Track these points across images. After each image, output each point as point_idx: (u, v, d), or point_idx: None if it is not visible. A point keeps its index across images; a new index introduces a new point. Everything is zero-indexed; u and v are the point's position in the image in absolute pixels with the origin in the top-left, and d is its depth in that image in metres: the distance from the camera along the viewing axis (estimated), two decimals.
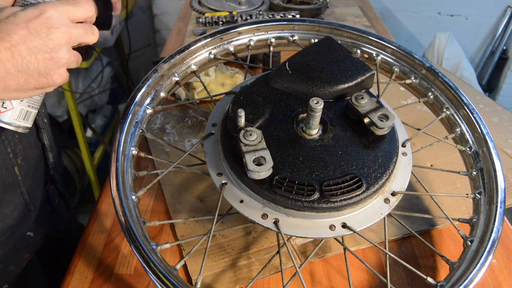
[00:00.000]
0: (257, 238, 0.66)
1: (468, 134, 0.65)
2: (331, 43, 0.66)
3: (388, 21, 2.36)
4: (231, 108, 0.59)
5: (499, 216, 0.55)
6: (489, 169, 0.60)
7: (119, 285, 0.60)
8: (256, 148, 0.50)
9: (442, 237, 0.68)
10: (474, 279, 0.49)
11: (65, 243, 0.85)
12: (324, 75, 0.61)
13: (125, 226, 0.50)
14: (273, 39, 0.76)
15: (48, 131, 0.76)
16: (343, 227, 0.52)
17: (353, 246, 0.65)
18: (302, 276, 0.60)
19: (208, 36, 0.71)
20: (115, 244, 0.66)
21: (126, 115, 0.60)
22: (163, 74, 0.67)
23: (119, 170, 0.54)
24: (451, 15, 2.34)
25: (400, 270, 0.62)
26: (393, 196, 0.55)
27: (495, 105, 1.02)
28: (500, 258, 0.65)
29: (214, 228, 0.53)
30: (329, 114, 0.60)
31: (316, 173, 0.53)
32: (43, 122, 0.73)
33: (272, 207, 0.52)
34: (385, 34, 1.39)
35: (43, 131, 0.74)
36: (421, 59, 0.71)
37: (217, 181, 0.55)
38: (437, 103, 0.70)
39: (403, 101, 1.01)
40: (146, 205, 0.73)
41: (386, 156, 0.55)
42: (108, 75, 2.19)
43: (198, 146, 0.62)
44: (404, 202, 0.72)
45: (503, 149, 0.87)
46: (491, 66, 2.47)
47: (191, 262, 0.62)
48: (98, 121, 2.21)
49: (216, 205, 0.53)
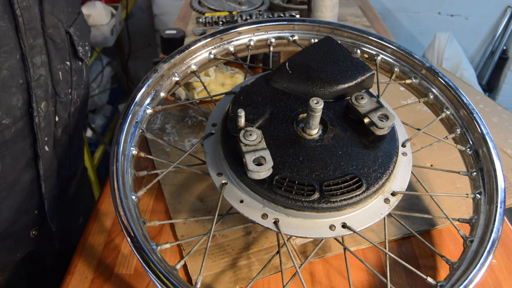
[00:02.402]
0: (257, 238, 0.66)
1: (468, 134, 0.65)
2: (331, 43, 0.66)
3: (388, 21, 2.36)
4: (231, 108, 0.59)
5: (499, 216, 0.55)
6: (489, 169, 0.60)
7: (119, 285, 0.60)
8: (256, 148, 0.50)
9: (442, 237, 0.68)
10: (474, 279, 0.49)
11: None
12: (324, 75, 0.61)
13: (125, 226, 0.50)
14: (273, 39, 0.76)
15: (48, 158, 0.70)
16: (343, 227, 0.52)
17: (353, 246, 0.65)
18: (302, 276, 0.60)
19: (208, 36, 0.71)
20: (115, 244, 0.66)
21: (126, 115, 0.60)
22: (163, 74, 0.67)
23: (119, 170, 0.54)
24: (451, 15, 2.34)
25: (400, 270, 0.62)
26: (393, 196, 0.55)
27: (495, 105, 1.02)
28: (500, 258, 0.65)
29: (214, 228, 0.53)
30: (329, 114, 0.60)
31: (316, 173, 0.53)
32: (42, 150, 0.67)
33: (272, 207, 0.52)
34: (385, 34, 1.39)
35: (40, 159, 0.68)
36: (421, 59, 0.71)
37: (217, 181, 0.55)
38: (437, 103, 0.70)
39: (403, 101, 1.01)
40: (146, 205, 0.73)
41: (386, 156, 0.55)
42: (108, 75, 2.19)
43: (198, 146, 0.62)
44: (404, 202, 0.72)
45: (503, 149, 0.87)
46: (491, 66, 2.47)
47: (191, 262, 0.62)
48: (98, 121, 2.21)
49: (216, 205, 0.53)
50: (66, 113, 0.73)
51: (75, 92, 0.75)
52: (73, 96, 0.74)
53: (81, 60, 0.75)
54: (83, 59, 0.75)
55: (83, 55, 0.74)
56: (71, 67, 0.71)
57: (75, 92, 0.75)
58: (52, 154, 0.71)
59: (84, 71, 0.78)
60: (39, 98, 0.63)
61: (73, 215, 0.90)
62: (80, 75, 0.76)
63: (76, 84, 0.75)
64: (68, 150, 0.77)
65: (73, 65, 0.72)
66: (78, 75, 0.75)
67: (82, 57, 0.74)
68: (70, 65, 0.71)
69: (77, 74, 0.74)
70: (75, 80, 0.74)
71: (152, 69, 0.66)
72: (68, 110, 0.74)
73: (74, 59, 0.72)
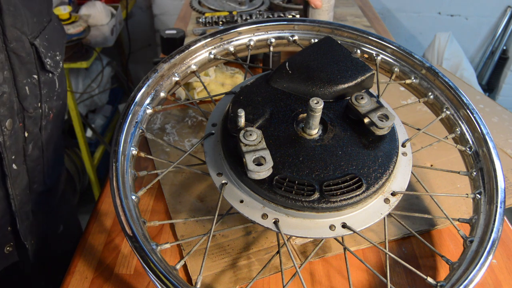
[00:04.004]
0: (257, 238, 0.66)
1: (468, 134, 0.65)
2: (331, 43, 0.66)
3: (388, 21, 2.36)
4: (231, 108, 0.59)
5: (499, 216, 0.55)
6: (489, 169, 0.60)
7: (119, 285, 0.60)
8: (256, 148, 0.50)
9: (442, 237, 0.68)
10: (474, 279, 0.49)
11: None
12: (324, 75, 0.61)
13: (125, 226, 0.50)
14: (273, 39, 0.76)
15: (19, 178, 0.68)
16: (343, 227, 0.52)
17: (353, 246, 0.65)
18: (302, 276, 0.60)
19: (208, 36, 0.71)
20: (115, 244, 0.66)
21: (126, 115, 0.60)
22: (163, 74, 0.67)
23: (119, 170, 0.54)
24: (451, 15, 2.34)
25: (400, 270, 0.62)
26: (393, 196, 0.55)
27: (495, 105, 1.02)
28: (500, 258, 0.65)
29: (214, 228, 0.53)
30: (329, 114, 0.60)
31: (316, 173, 0.53)
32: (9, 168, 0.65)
33: (272, 207, 0.52)
34: (385, 34, 1.40)
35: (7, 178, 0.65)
36: (421, 59, 0.71)
37: (217, 181, 0.55)
38: (437, 103, 0.70)
39: (403, 101, 1.01)
40: (146, 205, 0.73)
41: (386, 156, 0.55)
42: (108, 75, 2.19)
43: (198, 146, 0.62)
44: (404, 202, 0.72)
45: (503, 149, 0.87)
46: (491, 66, 2.47)
47: (191, 262, 0.62)
48: (98, 121, 2.21)
49: (216, 205, 0.53)
50: (37, 128, 0.70)
51: (45, 106, 0.71)
52: (43, 110, 0.70)
53: (50, 72, 0.70)
54: (52, 72, 0.71)
55: (51, 67, 0.70)
56: (39, 80, 0.67)
57: (46, 105, 0.71)
58: (21, 171, 0.68)
59: (56, 82, 0.73)
60: (2, 117, 0.59)
61: (52, 225, 0.88)
62: (52, 86, 0.72)
63: (47, 96, 0.71)
64: (42, 165, 0.74)
65: (41, 77, 0.68)
66: (49, 87, 0.71)
67: (50, 70, 0.69)
68: (38, 78, 0.67)
69: (48, 87, 0.70)
70: (45, 92, 0.70)
71: (152, 69, 0.66)
72: (38, 124, 0.70)
73: (42, 71, 0.68)
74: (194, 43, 0.70)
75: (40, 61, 0.67)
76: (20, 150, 0.66)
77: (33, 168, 0.71)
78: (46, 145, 0.74)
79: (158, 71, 0.65)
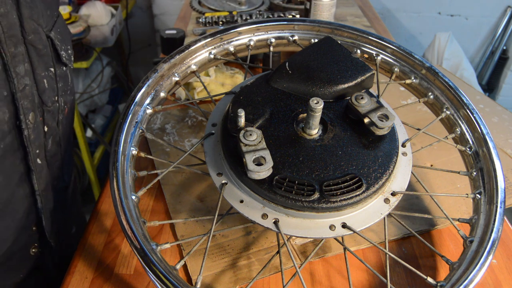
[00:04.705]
0: (257, 238, 0.66)
1: (468, 134, 0.65)
2: (331, 43, 0.66)
3: (388, 21, 2.36)
4: (231, 108, 0.59)
5: (499, 216, 0.55)
6: (489, 169, 0.60)
7: (119, 285, 0.60)
8: (256, 148, 0.50)
9: (442, 237, 0.68)
10: (474, 279, 0.49)
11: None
12: (324, 75, 0.61)
13: (125, 226, 0.50)
14: (273, 39, 0.76)
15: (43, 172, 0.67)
16: (343, 227, 0.52)
17: (353, 246, 0.65)
18: (302, 276, 0.60)
19: (208, 36, 0.71)
20: (115, 244, 0.66)
21: (126, 115, 0.60)
22: (163, 74, 0.67)
23: (119, 170, 0.54)
24: (451, 15, 2.34)
25: (400, 270, 0.62)
26: (393, 196, 0.55)
27: (495, 105, 1.02)
28: (500, 258, 0.65)
29: (214, 228, 0.53)
30: (329, 114, 0.60)
31: (316, 173, 0.53)
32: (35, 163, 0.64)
33: (272, 207, 0.52)
34: (385, 34, 1.40)
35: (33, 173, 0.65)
36: (421, 59, 0.71)
37: (217, 181, 0.55)
38: (437, 103, 0.70)
39: (403, 101, 1.01)
40: (146, 205, 0.73)
41: (386, 156, 0.55)
42: (108, 75, 2.19)
43: (198, 146, 0.62)
44: (404, 202, 0.72)
45: (503, 149, 0.87)
46: (491, 66, 2.47)
47: (191, 262, 0.62)
48: (98, 121, 2.21)
49: (216, 205, 0.53)
50: (55, 122, 0.70)
51: (62, 99, 0.72)
52: (60, 104, 0.71)
53: (65, 65, 0.72)
54: (67, 64, 0.72)
55: (66, 59, 0.71)
56: (55, 74, 0.68)
57: (62, 99, 0.72)
58: (44, 166, 0.68)
59: (69, 76, 0.75)
60: (26, 110, 0.59)
61: (67, 226, 0.87)
62: (66, 81, 0.73)
63: (62, 90, 0.72)
64: (60, 160, 0.74)
65: (57, 71, 0.69)
66: (64, 81, 0.72)
67: (66, 62, 0.70)
68: (54, 72, 0.68)
69: (63, 80, 0.72)
70: (61, 86, 0.71)
71: (152, 69, 0.66)
72: (56, 118, 0.71)
73: (58, 64, 0.69)
74: (194, 43, 0.70)
75: (56, 54, 0.68)
76: (42, 145, 0.66)
77: (52, 164, 0.72)
78: (63, 140, 0.75)
79: (158, 71, 0.65)
